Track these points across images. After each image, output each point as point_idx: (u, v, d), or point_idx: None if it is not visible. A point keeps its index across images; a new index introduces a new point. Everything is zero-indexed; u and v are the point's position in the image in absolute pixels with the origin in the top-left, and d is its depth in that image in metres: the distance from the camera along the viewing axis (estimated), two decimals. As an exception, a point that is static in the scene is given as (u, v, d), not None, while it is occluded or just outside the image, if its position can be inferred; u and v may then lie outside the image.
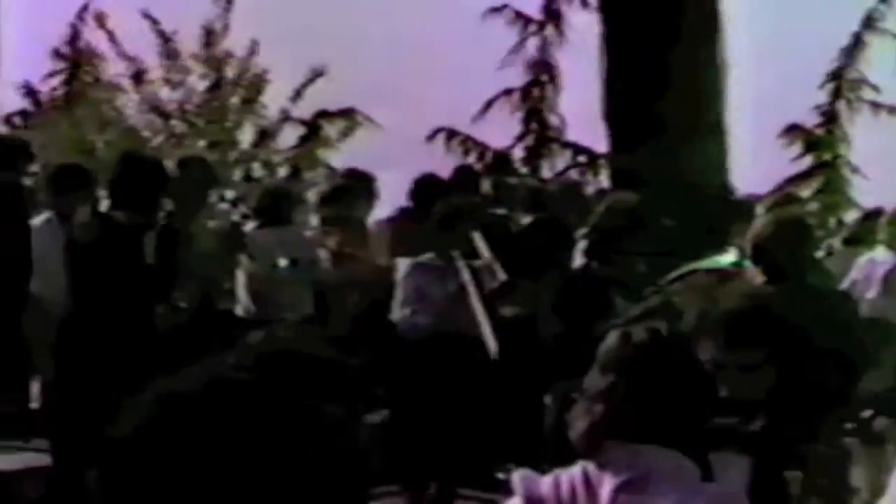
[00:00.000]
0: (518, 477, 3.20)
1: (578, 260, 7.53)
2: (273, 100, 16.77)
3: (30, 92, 15.88)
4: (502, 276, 7.70)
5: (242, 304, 8.79)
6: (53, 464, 8.09)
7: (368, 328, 8.51)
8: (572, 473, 3.17)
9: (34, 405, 7.88)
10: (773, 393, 4.18)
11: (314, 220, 9.46)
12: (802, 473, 4.19)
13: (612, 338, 3.24)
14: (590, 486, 3.12)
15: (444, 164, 13.13)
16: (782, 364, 4.13)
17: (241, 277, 8.77)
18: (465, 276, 7.66)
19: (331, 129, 17.94)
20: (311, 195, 9.59)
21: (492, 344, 7.43)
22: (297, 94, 16.81)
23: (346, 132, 17.77)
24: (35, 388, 7.90)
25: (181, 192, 8.43)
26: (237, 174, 15.75)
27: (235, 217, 8.85)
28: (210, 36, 16.09)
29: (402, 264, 7.87)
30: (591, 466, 3.15)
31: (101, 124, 15.20)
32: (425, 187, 9.54)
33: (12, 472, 7.67)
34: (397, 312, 7.68)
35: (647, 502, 3.06)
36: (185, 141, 15.51)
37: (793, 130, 19.63)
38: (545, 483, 3.17)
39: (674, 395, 3.15)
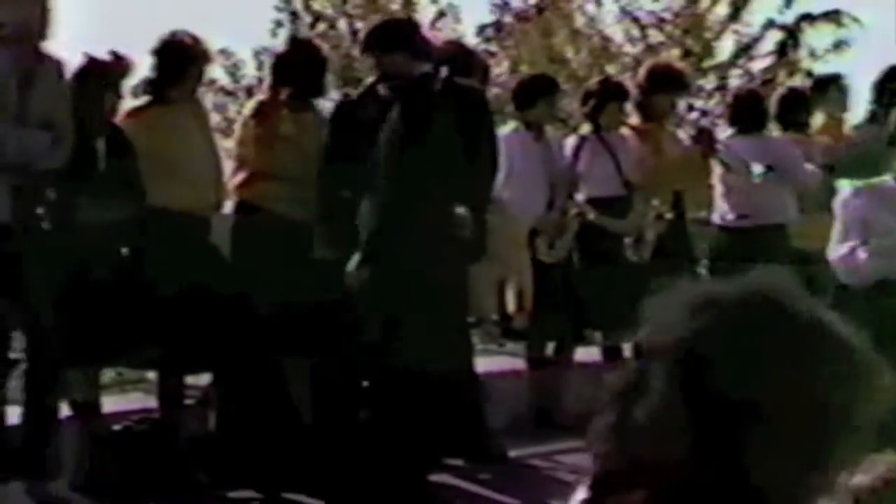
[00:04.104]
0: None
1: None
2: (760, 8, 16.70)
3: (503, 4, 16.53)
4: None
5: (719, 211, 9.05)
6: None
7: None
8: None
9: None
10: None
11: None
12: None
13: None
14: None
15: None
16: None
17: (717, 185, 9.01)
18: None
19: (814, 34, 17.67)
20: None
21: None
22: (788, 3, 16.65)
23: (838, 42, 17.38)
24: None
25: (647, 101, 8.80)
26: (710, 82, 15.88)
27: (705, 124, 9.08)
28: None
29: (844, 188, 6.53)
30: None
31: (574, 34, 15.68)
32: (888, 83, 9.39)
33: (487, 375, 8.24)
34: (834, 250, 6.33)
35: None
36: (661, 50, 15.75)
37: None
38: None
39: None
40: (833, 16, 17.75)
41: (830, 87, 9.60)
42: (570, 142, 8.86)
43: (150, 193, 6.90)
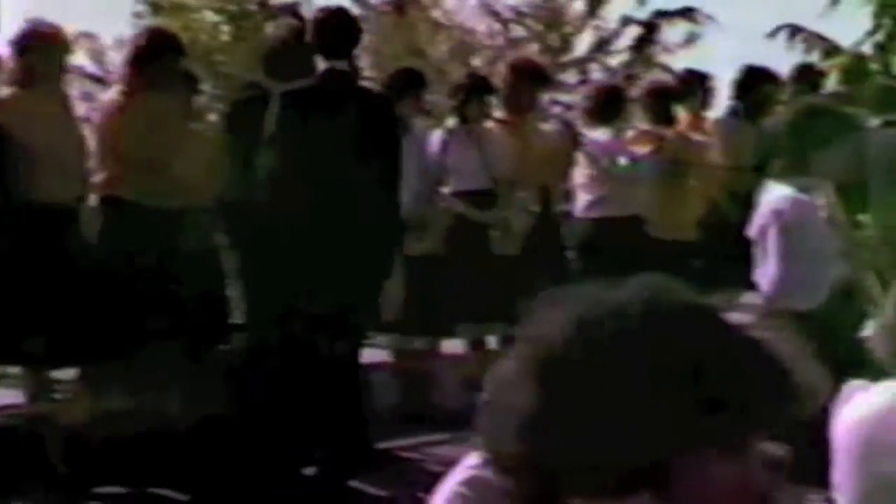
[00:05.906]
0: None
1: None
2: (617, 5, 16.96)
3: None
4: None
5: (580, 202, 9.16)
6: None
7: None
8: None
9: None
10: None
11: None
12: None
13: None
14: None
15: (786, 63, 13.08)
16: None
17: (578, 178, 9.11)
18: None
19: (671, 30, 17.97)
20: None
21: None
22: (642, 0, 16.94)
23: (690, 36, 17.71)
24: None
25: (512, 95, 8.89)
26: (571, 77, 16.09)
27: (568, 118, 9.18)
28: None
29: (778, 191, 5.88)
30: None
31: (434, 28, 15.75)
32: (748, 80, 9.66)
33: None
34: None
35: None
36: (521, 45, 15.90)
37: None
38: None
39: None
40: (687, 13, 18.07)
41: (696, 85, 9.79)
42: (437, 135, 8.90)
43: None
